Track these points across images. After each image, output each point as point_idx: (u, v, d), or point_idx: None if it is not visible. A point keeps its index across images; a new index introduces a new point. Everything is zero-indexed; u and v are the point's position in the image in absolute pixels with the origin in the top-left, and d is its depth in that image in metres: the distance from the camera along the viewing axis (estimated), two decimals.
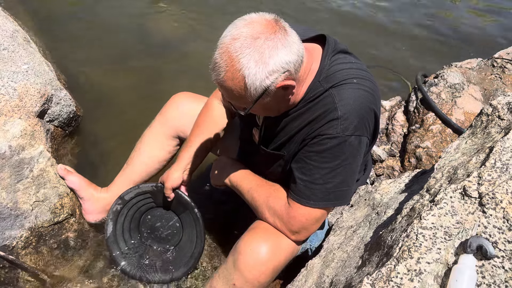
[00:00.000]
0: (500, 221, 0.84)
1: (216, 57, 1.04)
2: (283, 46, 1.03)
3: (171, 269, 1.58)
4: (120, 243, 1.62)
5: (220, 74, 1.04)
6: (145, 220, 1.64)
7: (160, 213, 1.63)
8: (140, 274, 1.58)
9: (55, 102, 1.88)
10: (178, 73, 2.66)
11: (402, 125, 2.20)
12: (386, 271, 0.83)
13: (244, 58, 1.01)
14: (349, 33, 3.27)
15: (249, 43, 1.01)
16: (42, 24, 2.75)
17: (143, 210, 1.63)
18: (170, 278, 1.57)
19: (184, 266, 1.56)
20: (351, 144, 1.14)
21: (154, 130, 1.72)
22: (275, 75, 1.03)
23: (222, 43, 1.04)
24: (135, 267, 1.59)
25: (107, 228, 1.61)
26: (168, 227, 1.62)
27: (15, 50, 1.89)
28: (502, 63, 2.33)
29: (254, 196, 1.33)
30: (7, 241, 1.52)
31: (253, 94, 1.06)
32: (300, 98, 1.19)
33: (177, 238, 1.61)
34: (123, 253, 1.61)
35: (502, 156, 0.94)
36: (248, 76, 1.02)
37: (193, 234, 1.56)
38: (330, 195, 1.19)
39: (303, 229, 1.25)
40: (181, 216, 1.59)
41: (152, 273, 1.58)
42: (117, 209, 1.61)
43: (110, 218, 1.61)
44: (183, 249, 1.59)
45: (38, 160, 1.64)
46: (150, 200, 1.62)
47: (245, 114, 1.14)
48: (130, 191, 1.60)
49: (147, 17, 3.11)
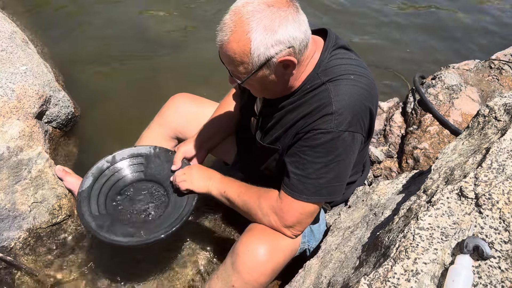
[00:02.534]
0: (496, 221, 0.84)
1: (226, 18, 1.05)
2: (293, 20, 1.04)
3: (147, 233, 1.37)
4: (92, 204, 1.45)
5: (227, 35, 1.04)
6: (127, 191, 1.52)
7: (146, 187, 1.52)
8: (105, 235, 1.36)
9: (53, 103, 1.89)
10: (177, 74, 2.66)
11: (400, 127, 2.20)
12: (383, 271, 0.84)
13: (254, 21, 1.01)
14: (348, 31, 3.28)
15: (262, 8, 1.02)
16: (40, 25, 2.75)
17: (128, 180, 1.53)
18: (144, 240, 1.36)
19: (165, 228, 1.38)
20: (344, 140, 1.14)
21: (153, 131, 1.72)
22: (280, 46, 1.04)
23: (235, 5, 1.05)
24: (101, 227, 1.38)
25: (85, 181, 1.48)
26: (151, 200, 1.50)
27: (13, 51, 1.89)
28: (499, 64, 2.34)
29: (245, 199, 1.32)
30: (5, 242, 1.52)
31: (255, 62, 1.05)
32: (297, 86, 1.19)
33: (161, 210, 1.47)
34: (91, 214, 1.43)
35: (498, 157, 0.95)
36: (254, 40, 1.02)
37: (182, 200, 1.45)
38: (322, 190, 1.20)
39: (297, 223, 1.25)
40: (169, 188, 1.49)
41: (119, 235, 1.37)
42: (102, 166, 1.51)
43: (92, 172, 1.50)
44: (168, 217, 1.43)
45: (36, 161, 1.64)
46: (140, 168, 1.54)
47: (242, 83, 1.13)
48: (125, 150, 1.54)
49: (146, 17, 3.12)
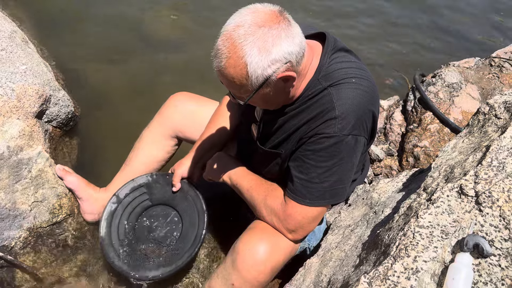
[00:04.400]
0: (496, 219, 0.84)
1: (219, 44, 1.04)
2: (286, 36, 1.02)
3: (175, 260, 1.50)
4: (115, 244, 1.56)
5: (222, 61, 1.03)
6: (141, 222, 1.60)
7: (156, 212, 1.60)
8: (139, 273, 1.49)
9: (53, 102, 1.88)
10: (177, 73, 2.66)
11: (400, 125, 2.20)
12: (383, 269, 0.83)
13: (247, 45, 1.00)
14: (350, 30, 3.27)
15: (253, 30, 1.00)
16: (40, 24, 2.75)
17: (138, 211, 1.60)
18: (175, 267, 1.49)
19: (187, 251, 1.51)
20: (348, 143, 1.14)
21: (153, 130, 1.72)
22: (277, 64, 1.03)
23: (226, 30, 1.03)
24: (133, 267, 1.51)
25: (101, 228, 1.57)
26: (166, 223, 1.59)
27: (13, 51, 1.88)
28: (499, 62, 2.33)
29: (253, 195, 1.34)
30: (6, 242, 1.52)
31: (254, 83, 1.05)
32: (299, 94, 1.19)
33: (178, 232, 1.56)
34: (118, 255, 1.54)
35: (498, 155, 0.95)
36: (250, 64, 1.01)
37: (194, 217, 1.54)
38: (326, 194, 1.20)
39: (300, 228, 1.25)
40: (178, 206, 1.57)
41: (155, 269, 1.49)
42: (111, 209, 1.59)
43: (105, 218, 1.58)
44: (186, 238, 1.54)
45: (37, 160, 1.64)
46: (145, 197, 1.60)
47: (244, 104, 1.14)
48: (125, 186, 1.60)
49: (146, 17, 3.11)
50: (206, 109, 1.64)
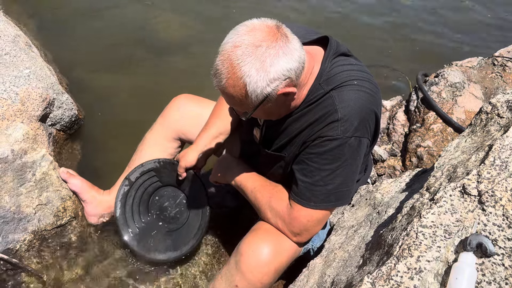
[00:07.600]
0: (499, 218, 0.84)
1: (218, 64, 1.05)
2: (284, 54, 1.03)
3: (181, 245, 1.61)
4: (130, 224, 1.65)
5: (222, 81, 1.05)
6: (154, 201, 1.69)
7: (167, 192, 1.68)
8: (151, 255, 1.62)
9: (57, 106, 1.90)
10: (180, 75, 2.67)
11: (403, 125, 2.20)
12: (387, 269, 0.83)
13: (246, 66, 1.01)
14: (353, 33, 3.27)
15: (251, 51, 1.01)
16: (43, 28, 2.77)
17: (150, 191, 1.68)
18: (180, 253, 1.61)
19: (192, 239, 1.61)
20: (351, 145, 1.14)
21: (156, 133, 1.73)
22: (276, 82, 1.04)
23: (224, 49, 1.03)
24: (146, 248, 1.63)
25: (116, 209, 1.65)
26: (176, 205, 1.67)
27: (16, 55, 1.90)
28: (502, 61, 2.32)
29: (257, 197, 1.34)
30: (11, 245, 1.53)
31: (254, 101, 1.06)
32: (301, 101, 1.19)
33: (186, 215, 1.65)
34: (133, 234, 1.65)
35: (501, 154, 0.94)
36: (249, 84, 1.02)
37: (198, 206, 1.61)
38: (330, 197, 1.20)
39: (305, 231, 1.25)
40: (185, 191, 1.65)
41: (163, 252, 1.62)
42: (124, 191, 1.66)
43: (118, 199, 1.66)
44: (191, 224, 1.63)
45: (41, 163, 1.65)
46: (155, 179, 1.67)
47: (246, 119, 1.15)
48: (135, 171, 1.66)
49: (149, 19, 3.12)
50: (208, 111, 1.64)
